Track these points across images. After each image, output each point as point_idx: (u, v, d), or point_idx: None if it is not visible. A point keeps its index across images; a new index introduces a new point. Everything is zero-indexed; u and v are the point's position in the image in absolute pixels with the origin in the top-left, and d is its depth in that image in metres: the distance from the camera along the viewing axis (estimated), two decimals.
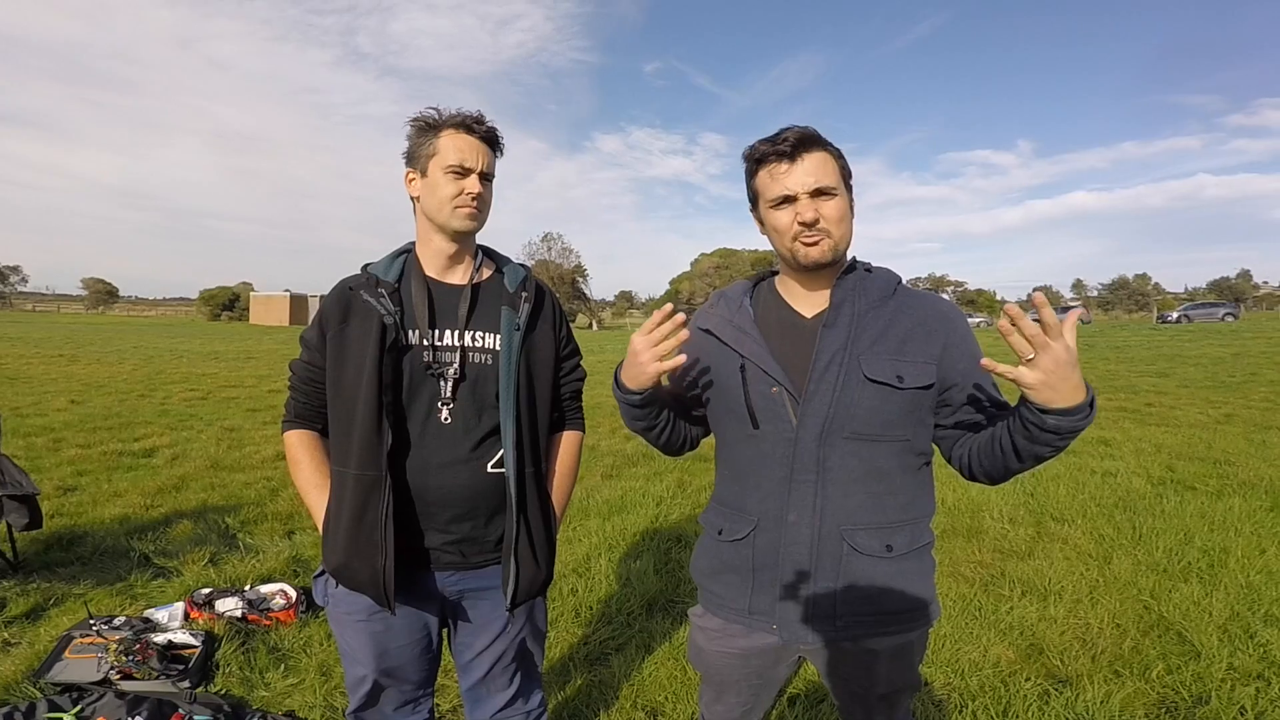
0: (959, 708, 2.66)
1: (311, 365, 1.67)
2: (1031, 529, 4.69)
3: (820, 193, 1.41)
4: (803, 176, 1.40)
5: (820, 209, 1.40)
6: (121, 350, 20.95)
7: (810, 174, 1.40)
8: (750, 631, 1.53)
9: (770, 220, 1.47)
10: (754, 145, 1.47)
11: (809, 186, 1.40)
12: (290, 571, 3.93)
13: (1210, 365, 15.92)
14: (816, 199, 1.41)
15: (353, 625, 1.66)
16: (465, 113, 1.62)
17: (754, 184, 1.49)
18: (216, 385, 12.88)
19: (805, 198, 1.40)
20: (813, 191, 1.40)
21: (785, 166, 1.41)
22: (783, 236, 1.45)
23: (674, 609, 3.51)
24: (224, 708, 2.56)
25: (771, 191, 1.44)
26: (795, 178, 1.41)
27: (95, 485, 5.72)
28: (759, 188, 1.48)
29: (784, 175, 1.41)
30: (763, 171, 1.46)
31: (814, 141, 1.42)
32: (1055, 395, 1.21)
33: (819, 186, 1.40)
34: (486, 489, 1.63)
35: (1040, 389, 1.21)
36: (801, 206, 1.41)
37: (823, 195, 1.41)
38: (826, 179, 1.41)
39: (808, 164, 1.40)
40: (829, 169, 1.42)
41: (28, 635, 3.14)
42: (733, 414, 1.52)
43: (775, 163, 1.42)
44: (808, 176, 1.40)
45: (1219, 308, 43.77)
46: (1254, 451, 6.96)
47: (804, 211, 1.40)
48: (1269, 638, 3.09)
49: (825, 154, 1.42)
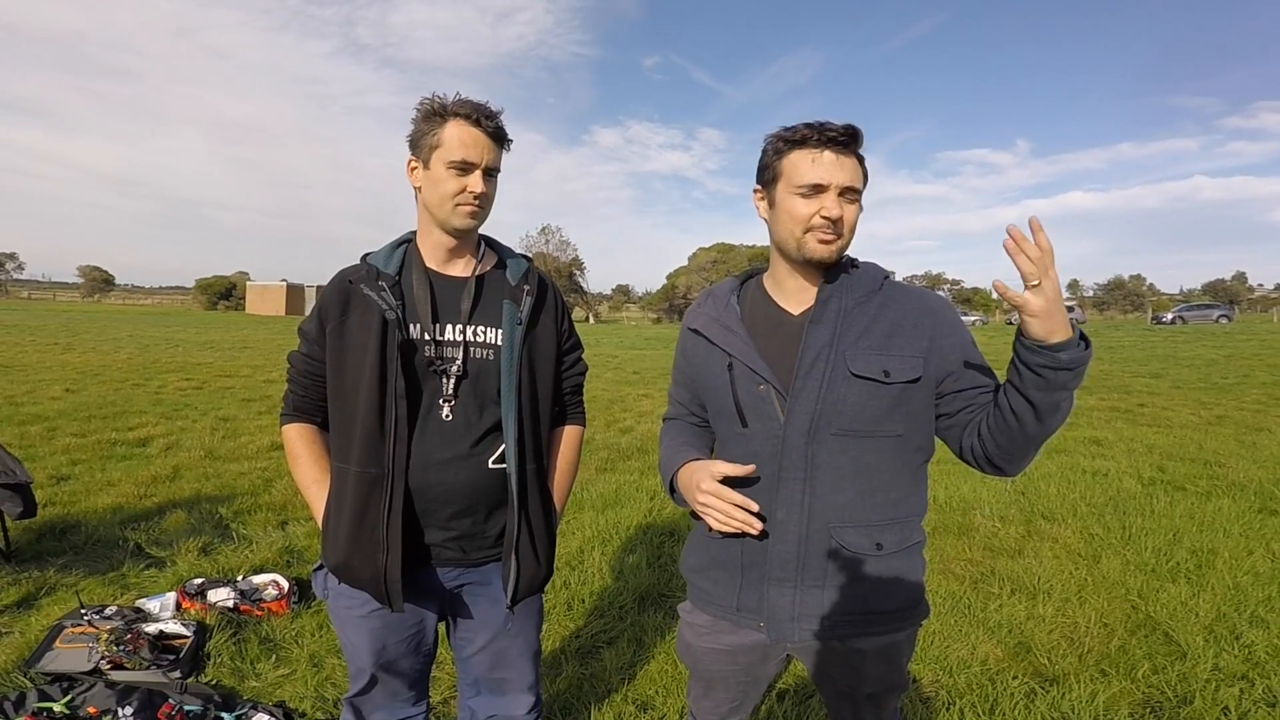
0: (946, 705, 2.67)
1: (310, 358, 1.65)
2: (1022, 527, 4.71)
3: (850, 191, 1.39)
4: (840, 171, 1.38)
5: (845, 210, 1.40)
6: (117, 339, 20.89)
7: (847, 170, 1.38)
8: (738, 629, 1.54)
9: (788, 205, 1.42)
10: (795, 126, 1.42)
11: (844, 183, 1.38)
12: (283, 562, 3.93)
13: (1204, 367, 15.98)
14: (844, 197, 1.39)
15: (352, 621, 1.65)
16: (474, 103, 1.55)
17: (780, 163, 1.43)
18: (212, 375, 12.86)
19: (835, 193, 1.38)
20: (844, 189, 1.39)
21: (830, 156, 1.38)
22: (796, 225, 1.41)
23: (666, 603, 3.52)
24: (215, 698, 2.57)
25: (804, 176, 1.38)
26: (832, 170, 1.37)
27: (89, 474, 5.71)
28: (786, 168, 1.41)
29: (826, 164, 1.38)
30: (799, 153, 1.40)
31: (859, 142, 1.40)
32: (1055, 326, 1.20)
33: (851, 185, 1.39)
34: (487, 486, 1.61)
35: (1044, 317, 1.19)
36: (829, 201, 1.38)
37: (849, 195, 1.40)
38: (858, 181, 1.40)
39: (850, 160, 1.39)
40: (860, 172, 1.41)
41: (19, 624, 3.14)
42: (723, 413, 1.52)
43: (818, 149, 1.38)
44: (843, 172, 1.38)
45: (1214, 309, 43.83)
46: (1244, 453, 7.00)
47: (831, 207, 1.37)
48: (1254, 639, 3.12)
49: (858, 158, 1.42)
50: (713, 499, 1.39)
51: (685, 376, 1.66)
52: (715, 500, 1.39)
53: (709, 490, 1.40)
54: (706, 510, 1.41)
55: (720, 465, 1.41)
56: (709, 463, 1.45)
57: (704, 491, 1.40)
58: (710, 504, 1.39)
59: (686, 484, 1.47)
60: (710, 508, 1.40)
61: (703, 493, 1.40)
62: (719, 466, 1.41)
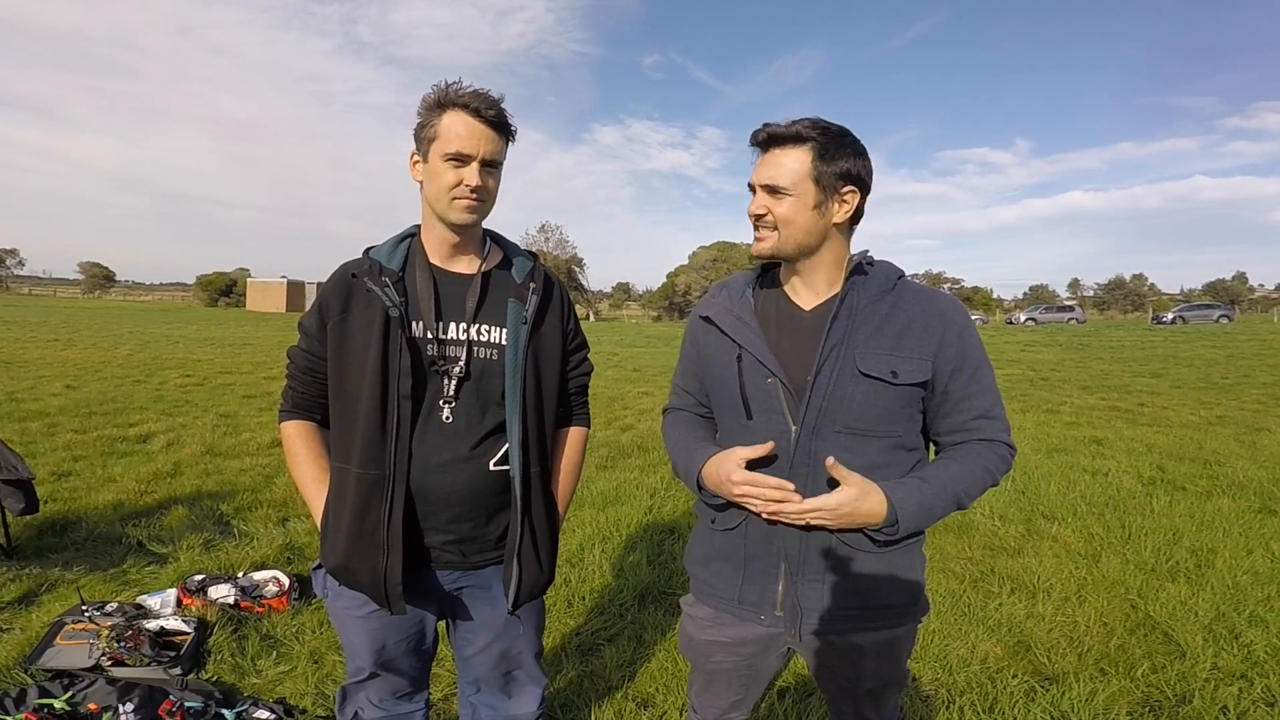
0: (946, 703, 2.68)
1: (310, 354, 1.61)
2: (1022, 526, 4.71)
3: (771, 189, 1.43)
4: (761, 171, 1.45)
5: (771, 206, 1.43)
6: (118, 335, 20.88)
7: (767, 170, 1.43)
8: (740, 621, 1.55)
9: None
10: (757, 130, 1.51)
11: (761, 180, 1.44)
12: (284, 559, 3.94)
13: (1204, 366, 15.99)
14: (769, 196, 1.43)
15: (351, 621, 1.64)
16: (474, 92, 1.49)
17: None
18: (212, 371, 12.87)
19: (759, 192, 1.45)
20: (764, 186, 1.44)
21: (757, 159, 1.47)
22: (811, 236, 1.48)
23: (666, 601, 3.53)
24: (215, 695, 2.57)
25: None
26: (756, 172, 1.46)
27: (90, 471, 5.72)
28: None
29: (754, 168, 1.48)
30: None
31: (785, 139, 1.42)
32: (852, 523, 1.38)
33: (769, 184, 1.43)
34: (488, 488, 1.58)
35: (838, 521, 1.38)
36: (754, 200, 1.47)
37: (773, 193, 1.43)
38: (781, 179, 1.41)
39: (769, 160, 1.44)
40: (788, 168, 1.41)
41: (19, 621, 3.15)
42: (729, 404, 1.52)
43: (754, 154, 1.48)
44: (764, 171, 1.44)
45: (1214, 309, 43.82)
46: (1244, 453, 7.00)
47: (753, 204, 1.46)
48: (1253, 638, 3.12)
49: (797, 150, 1.41)
50: (750, 488, 1.39)
51: (694, 365, 1.66)
52: (752, 489, 1.39)
53: (742, 480, 1.40)
54: (748, 500, 1.41)
55: (741, 451, 1.42)
56: (729, 453, 1.44)
57: (738, 483, 1.40)
58: (750, 494, 1.40)
59: (715, 479, 1.46)
60: (751, 497, 1.40)
61: (737, 484, 1.41)
62: (740, 453, 1.41)
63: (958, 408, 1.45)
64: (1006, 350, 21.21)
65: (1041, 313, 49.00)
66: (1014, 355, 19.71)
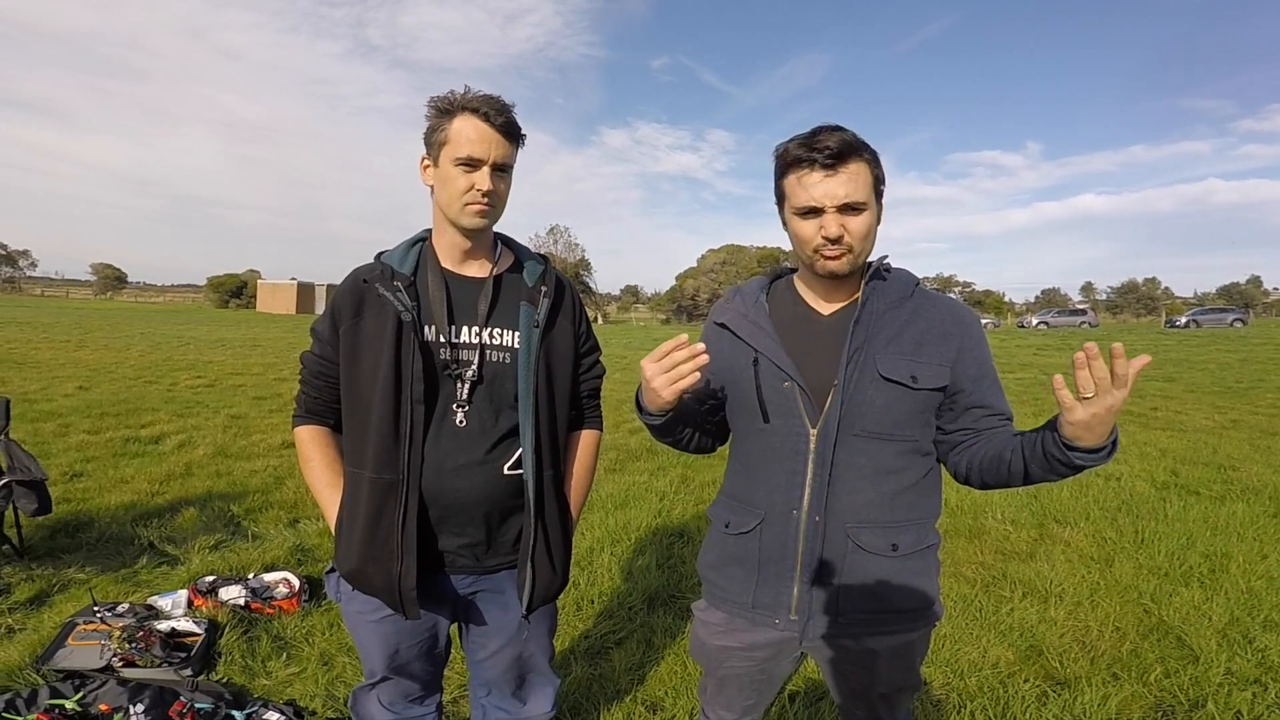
0: (958, 708, 2.66)
1: (323, 359, 1.61)
2: (1034, 531, 4.68)
3: (849, 208, 1.36)
4: (834, 189, 1.34)
5: (847, 224, 1.36)
6: (129, 336, 21.04)
7: (842, 187, 1.34)
8: (753, 626, 1.54)
9: (794, 227, 1.42)
10: (786, 145, 1.40)
11: (838, 200, 1.34)
12: (294, 560, 3.95)
13: (1218, 371, 15.86)
14: (844, 214, 1.36)
15: (364, 625, 1.64)
16: (483, 96, 1.50)
17: (781, 185, 1.43)
18: (223, 373, 12.94)
19: (832, 212, 1.35)
20: (841, 206, 1.35)
21: (818, 177, 1.35)
22: (805, 245, 1.41)
23: (676, 604, 3.52)
24: (225, 696, 2.58)
25: (798, 200, 1.38)
26: (824, 190, 1.34)
27: (102, 471, 5.76)
28: (786, 191, 1.42)
29: (814, 186, 1.35)
30: (791, 176, 1.39)
31: (852, 152, 1.34)
32: (1090, 435, 1.21)
33: (848, 202, 1.35)
34: (503, 492, 1.58)
35: (1081, 429, 1.21)
36: (827, 220, 1.36)
37: (851, 210, 1.36)
38: (858, 194, 1.35)
39: (841, 177, 1.34)
40: (861, 181, 1.36)
41: (31, 621, 3.17)
42: (745, 408, 1.52)
43: (807, 171, 1.36)
44: (839, 189, 1.34)
45: (1228, 313, 43.44)
46: (1259, 457, 6.94)
47: (829, 226, 1.35)
48: (1268, 643, 3.09)
49: (861, 164, 1.36)
50: (650, 365, 1.33)
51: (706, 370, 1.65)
52: (652, 364, 1.32)
53: (646, 363, 1.33)
54: (653, 379, 1.33)
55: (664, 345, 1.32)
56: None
57: (646, 366, 1.33)
58: (652, 371, 1.33)
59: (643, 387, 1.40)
60: (652, 375, 1.33)
61: (646, 368, 1.33)
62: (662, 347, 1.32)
63: (980, 411, 1.45)
64: (1018, 354, 21.09)
65: (1053, 316, 48.73)
66: (1026, 359, 19.60)
